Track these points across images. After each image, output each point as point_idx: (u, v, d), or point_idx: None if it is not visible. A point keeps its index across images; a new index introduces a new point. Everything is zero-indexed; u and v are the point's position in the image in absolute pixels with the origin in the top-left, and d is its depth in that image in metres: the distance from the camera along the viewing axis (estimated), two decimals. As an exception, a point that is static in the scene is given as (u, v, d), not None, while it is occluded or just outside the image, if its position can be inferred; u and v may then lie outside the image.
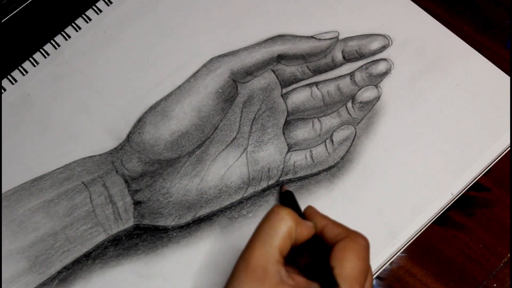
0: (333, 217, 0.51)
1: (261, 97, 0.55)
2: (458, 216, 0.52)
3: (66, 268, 0.50)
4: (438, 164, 0.52)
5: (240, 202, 0.52)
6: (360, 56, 0.56)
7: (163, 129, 0.53)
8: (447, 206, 0.52)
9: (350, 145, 0.53)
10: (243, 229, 0.51)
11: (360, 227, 0.51)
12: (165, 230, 0.52)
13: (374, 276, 0.50)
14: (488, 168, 0.53)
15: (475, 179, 0.52)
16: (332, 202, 0.52)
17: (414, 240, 0.51)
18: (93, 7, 0.59)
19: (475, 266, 0.51)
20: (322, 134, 0.54)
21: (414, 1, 0.58)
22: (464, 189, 0.52)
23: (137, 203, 0.52)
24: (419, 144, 0.53)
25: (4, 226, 0.51)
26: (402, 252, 0.51)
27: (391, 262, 0.51)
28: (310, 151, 0.53)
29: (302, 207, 0.48)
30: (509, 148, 0.53)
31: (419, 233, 0.51)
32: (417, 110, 0.54)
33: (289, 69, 0.56)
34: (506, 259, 0.51)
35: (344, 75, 0.56)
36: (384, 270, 0.51)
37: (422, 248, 0.51)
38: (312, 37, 0.56)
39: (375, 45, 0.56)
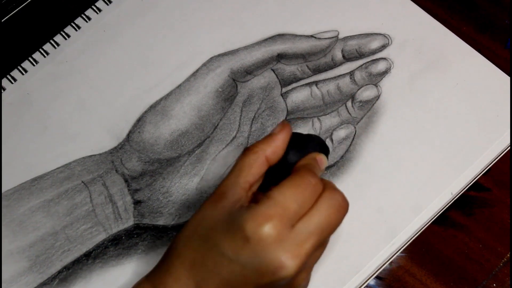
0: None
1: (261, 96, 0.55)
2: (458, 216, 0.52)
3: (66, 267, 0.50)
4: (438, 163, 0.52)
5: (240, 201, 0.52)
6: (360, 55, 0.56)
7: (163, 128, 0.53)
8: (447, 206, 0.52)
9: (350, 144, 0.53)
10: (243, 228, 0.51)
11: (360, 226, 0.51)
12: (165, 229, 0.52)
13: (374, 276, 0.50)
14: (488, 168, 0.53)
15: (474, 179, 0.52)
16: (332, 202, 0.51)
17: (413, 240, 0.51)
18: (93, 6, 0.59)
19: (474, 266, 0.51)
20: (321, 133, 0.54)
21: (414, 1, 0.58)
22: (463, 189, 0.52)
23: (137, 203, 0.52)
24: (419, 143, 0.53)
25: (4, 226, 0.51)
26: (401, 252, 0.51)
27: (391, 262, 0.51)
28: (310, 151, 0.53)
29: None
30: (509, 148, 0.53)
31: (419, 232, 0.51)
32: (416, 109, 0.54)
33: (289, 68, 0.56)
34: (505, 259, 0.51)
35: (343, 74, 0.56)
36: (383, 270, 0.51)
37: (421, 248, 0.51)
38: (312, 36, 0.56)
39: (375, 44, 0.56)
